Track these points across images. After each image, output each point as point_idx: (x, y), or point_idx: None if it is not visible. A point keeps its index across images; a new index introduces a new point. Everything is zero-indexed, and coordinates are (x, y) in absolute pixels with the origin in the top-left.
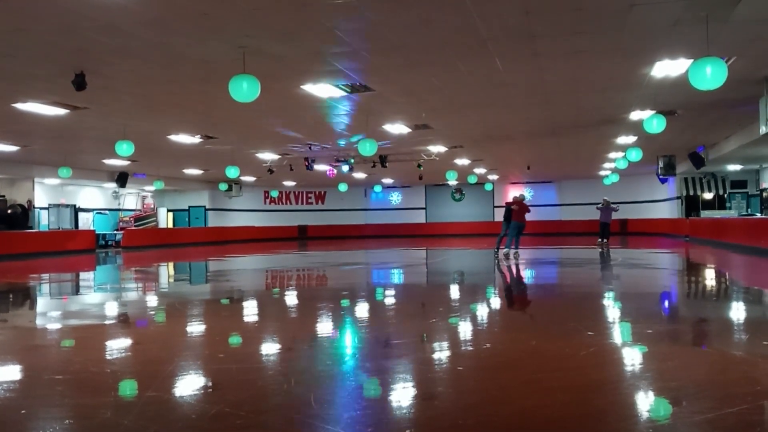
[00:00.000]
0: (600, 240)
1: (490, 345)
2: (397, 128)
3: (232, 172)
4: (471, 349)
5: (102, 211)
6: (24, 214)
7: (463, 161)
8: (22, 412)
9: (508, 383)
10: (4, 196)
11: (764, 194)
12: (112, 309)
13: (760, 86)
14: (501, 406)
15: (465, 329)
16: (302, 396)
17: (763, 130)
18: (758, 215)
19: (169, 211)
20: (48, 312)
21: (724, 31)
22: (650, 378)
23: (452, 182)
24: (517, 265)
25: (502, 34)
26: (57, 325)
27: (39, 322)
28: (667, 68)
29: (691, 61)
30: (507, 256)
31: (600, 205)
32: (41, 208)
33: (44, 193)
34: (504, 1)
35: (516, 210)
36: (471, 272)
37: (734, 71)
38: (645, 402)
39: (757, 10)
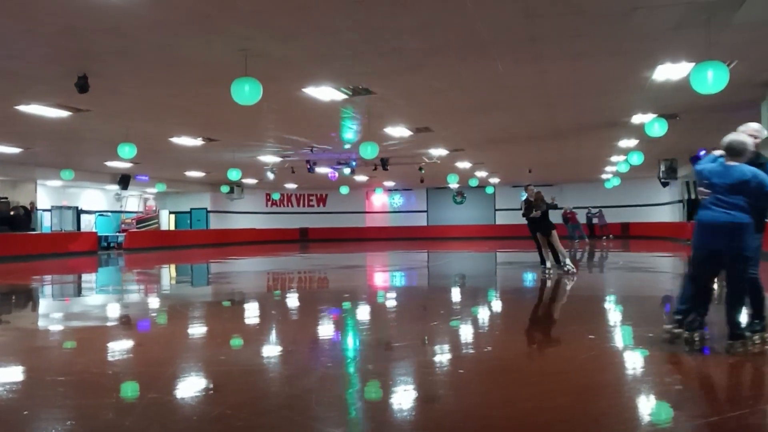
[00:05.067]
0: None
1: (491, 348)
2: (399, 131)
3: (233, 175)
4: (472, 351)
5: (104, 213)
6: (26, 216)
7: (464, 164)
8: (25, 413)
9: (509, 386)
10: (6, 198)
11: None
12: (114, 311)
13: (762, 90)
14: (502, 409)
15: (466, 332)
16: (303, 398)
17: (764, 134)
18: None
19: (170, 213)
20: (50, 314)
21: (726, 34)
22: (651, 381)
23: (453, 185)
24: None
25: (504, 37)
26: (59, 327)
27: (41, 323)
28: (668, 72)
29: (693, 64)
30: None
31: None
32: (44, 210)
33: (47, 195)
34: (505, 4)
35: None
36: (472, 275)
37: (736, 75)
38: (646, 405)
39: (758, 13)
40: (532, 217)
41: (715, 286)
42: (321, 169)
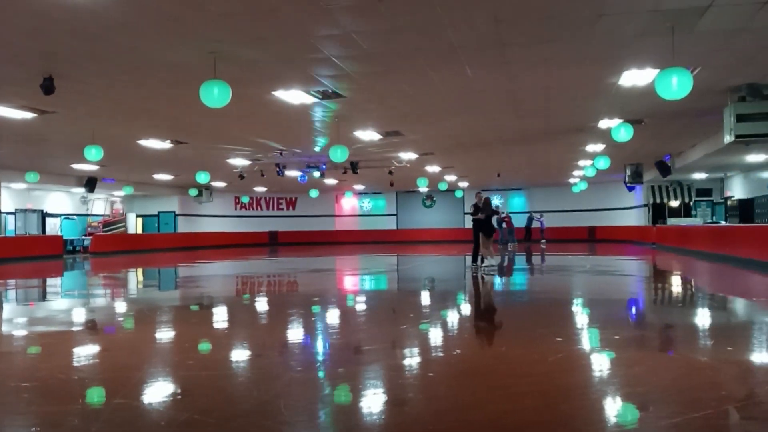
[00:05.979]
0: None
1: (460, 351)
2: (368, 135)
3: (202, 178)
4: (441, 355)
5: (70, 217)
6: None
7: (433, 168)
8: None
9: (478, 389)
10: None
11: (728, 202)
12: (79, 315)
13: (724, 96)
14: (471, 412)
15: (435, 335)
16: (272, 402)
17: (727, 139)
18: (723, 223)
19: (138, 216)
20: (14, 318)
21: (690, 41)
22: (617, 383)
23: (423, 189)
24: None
25: (473, 42)
26: (23, 332)
27: (4, 328)
28: (634, 77)
29: (658, 70)
30: None
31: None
32: (8, 213)
33: (11, 198)
34: (474, 9)
35: None
36: (441, 279)
37: (699, 81)
38: (612, 407)
39: (721, 21)
40: (477, 218)
41: None
42: (290, 173)
